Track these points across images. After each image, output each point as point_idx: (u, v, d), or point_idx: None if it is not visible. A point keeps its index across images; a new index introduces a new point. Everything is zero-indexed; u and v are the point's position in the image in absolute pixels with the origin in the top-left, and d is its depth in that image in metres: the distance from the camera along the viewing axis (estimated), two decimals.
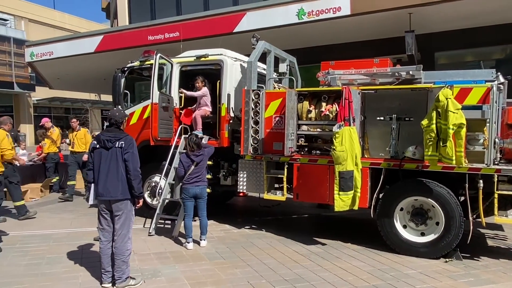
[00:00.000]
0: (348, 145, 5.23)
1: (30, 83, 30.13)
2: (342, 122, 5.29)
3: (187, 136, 6.23)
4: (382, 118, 5.63)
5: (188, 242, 5.74)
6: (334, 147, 5.27)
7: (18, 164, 7.51)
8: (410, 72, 5.70)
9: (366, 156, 5.76)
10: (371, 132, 5.86)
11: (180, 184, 6.00)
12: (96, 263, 4.77)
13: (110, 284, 4.28)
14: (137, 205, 4.43)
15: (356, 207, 5.48)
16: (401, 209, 5.57)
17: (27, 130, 29.21)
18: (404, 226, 5.58)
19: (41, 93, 30.30)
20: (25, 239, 6.03)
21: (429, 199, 5.36)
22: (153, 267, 4.91)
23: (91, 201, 4.46)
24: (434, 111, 4.94)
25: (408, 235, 5.54)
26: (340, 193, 5.35)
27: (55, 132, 10.29)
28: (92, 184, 4.43)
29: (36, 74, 19.74)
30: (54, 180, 10.22)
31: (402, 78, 5.73)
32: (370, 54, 8.96)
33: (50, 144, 10.08)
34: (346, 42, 11.01)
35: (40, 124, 10.54)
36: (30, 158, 10.61)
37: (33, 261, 5.05)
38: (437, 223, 5.37)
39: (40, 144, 10.72)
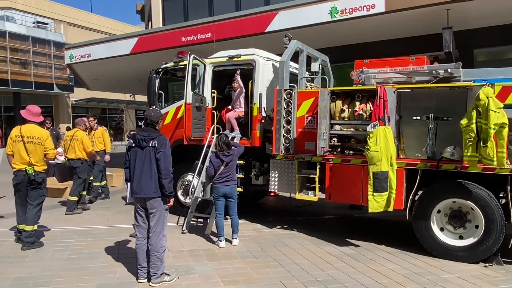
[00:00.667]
0: (383, 145, 5.12)
1: (68, 84, 31.34)
2: (377, 121, 5.19)
3: (217, 136, 6.28)
4: (418, 117, 5.48)
5: (220, 241, 5.80)
6: (368, 147, 5.18)
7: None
8: (449, 70, 5.52)
9: (401, 156, 5.63)
10: (406, 131, 5.71)
11: (211, 183, 6.07)
12: (132, 258, 4.90)
13: (146, 280, 4.38)
14: (168, 204, 4.51)
15: (390, 209, 5.37)
16: (438, 212, 5.40)
17: (65, 129, 30.33)
18: (441, 229, 5.41)
19: (79, 94, 31.50)
20: (65, 234, 6.27)
21: (468, 202, 5.17)
22: (187, 264, 4.99)
23: (128, 199, 4.59)
24: (474, 110, 4.76)
25: (446, 238, 5.36)
26: (375, 194, 5.25)
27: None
28: (129, 183, 4.56)
29: (74, 75, 20.51)
30: (92, 178, 10.55)
31: (440, 76, 5.56)
32: (405, 52, 8.79)
33: None
34: (380, 40, 10.78)
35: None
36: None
37: (73, 256, 5.25)
38: (477, 226, 5.18)
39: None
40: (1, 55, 27.17)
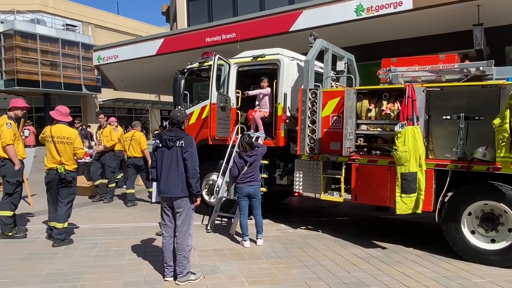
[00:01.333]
0: (411, 146, 5.00)
1: (96, 85, 32.12)
2: (405, 121, 5.07)
3: (240, 136, 6.28)
4: (448, 117, 5.31)
5: (244, 240, 5.80)
6: (396, 148, 5.07)
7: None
8: (481, 68, 5.34)
9: (430, 157, 5.47)
10: (436, 131, 5.55)
11: (234, 183, 6.07)
12: (158, 257, 4.97)
13: (172, 278, 4.43)
14: (195, 204, 4.54)
15: (419, 211, 5.23)
16: (469, 214, 5.23)
17: (93, 129, 31.10)
18: (472, 232, 5.24)
19: (106, 95, 32.25)
20: (94, 232, 6.41)
21: (501, 204, 4.98)
22: (212, 263, 5.01)
23: (154, 199, 4.65)
24: (508, 110, 4.57)
25: (477, 241, 5.19)
26: (403, 195, 5.14)
27: (119, 131, 10.86)
28: (155, 182, 4.62)
29: (102, 76, 21.01)
30: (119, 176, 10.77)
31: (471, 74, 5.39)
32: (433, 50, 8.59)
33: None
34: (407, 37, 10.57)
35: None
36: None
37: (101, 253, 5.36)
38: (510, 230, 4.98)
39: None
40: (32, 57, 28.09)
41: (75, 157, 5.82)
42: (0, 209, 5.97)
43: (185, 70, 8.05)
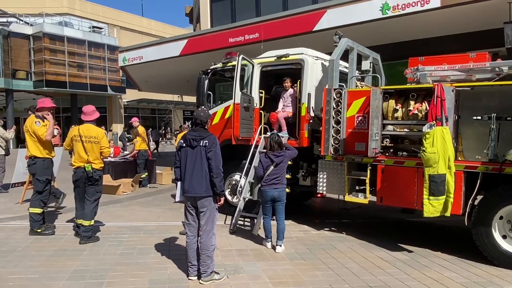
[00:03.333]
0: (440, 147, 4.87)
1: (121, 86, 32.72)
2: (434, 121, 4.94)
3: (268, 135, 6.21)
4: (479, 117, 5.14)
5: (267, 242, 5.73)
6: (424, 149, 4.94)
7: None
8: None
9: (460, 158, 5.31)
10: (465, 132, 5.39)
11: (259, 185, 5.88)
12: (182, 256, 5.00)
13: (196, 278, 4.44)
14: (218, 203, 4.54)
15: (448, 214, 5.08)
16: (501, 218, 5.06)
17: (118, 129, 31.72)
18: (504, 236, 5.06)
19: (130, 95, 32.82)
20: (119, 230, 6.51)
21: None
22: (235, 263, 5.01)
23: (177, 198, 4.67)
24: None
25: (509, 246, 5.01)
26: (431, 198, 5.00)
27: (142, 129, 11.05)
28: (179, 181, 4.64)
29: (127, 77, 21.36)
30: (144, 175, 10.96)
31: (504, 73, 5.20)
32: (461, 48, 8.33)
33: (141, 142, 10.85)
34: (434, 36, 10.29)
35: (130, 122, 11.40)
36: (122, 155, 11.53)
37: (127, 251, 5.43)
38: None
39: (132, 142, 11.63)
40: (60, 58, 28.85)
41: (101, 156, 5.92)
42: (30, 206, 6.14)
43: (209, 71, 8.09)
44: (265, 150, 6.00)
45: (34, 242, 5.75)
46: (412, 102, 5.65)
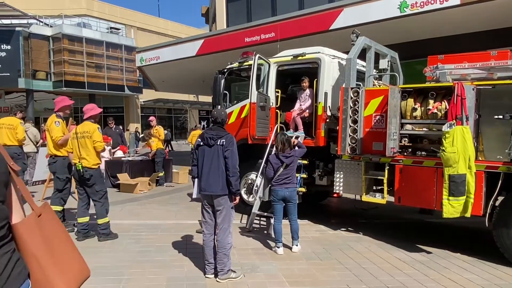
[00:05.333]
0: (460, 146, 4.78)
1: (138, 86, 33.05)
2: (454, 121, 4.85)
3: (277, 135, 6.06)
4: (500, 116, 5.02)
5: (277, 247, 5.44)
6: (443, 148, 4.86)
7: None
8: None
9: (480, 158, 5.21)
10: (486, 132, 5.28)
11: (269, 185, 5.81)
12: (199, 254, 5.03)
13: (213, 276, 4.46)
14: (234, 202, 4.54)
15: (468, 214, 4.99)
16: None
17: (135, 128, 32.09)
18: None
19: (147, 95, 33.14)
20: (137, 228, 6.60)
21: None
22: (252, 262, 5.01)
23: (194, 195, 4.70)
24: None
25: None
26: (450, 198, 4.92)
27: (161, 130, 11.17)
28: (196, 179, 4.67)
29: (144, 77, 21.60)
30: (161, 174, 11.07)
31: None
32: (482, 47, 8.15)
33: (157, 141, 10.97)
34: (454, 34, 10.12)
35: (149, 120, 11.53)
36: (139, 154, 11.68)
37: (144, 248, 5.50)
38: None
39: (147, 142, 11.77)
40: (79, 59, 29.32)
41: (96, 152, 5.78)
42: (51, 204, 6.23)
43: (225, 70, 8.11)
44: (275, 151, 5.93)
45: None
46: (431, 101, 5.57)
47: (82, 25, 30.59)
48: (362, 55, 6.68)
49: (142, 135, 17.63)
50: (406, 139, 5.83)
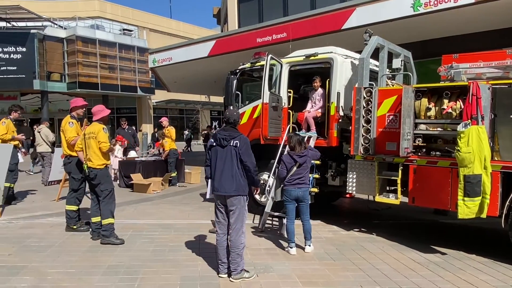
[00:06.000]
0: (475, 146, 4.72)
1: (150, 87, 33.33)
2: (469, 120, 4.80)
3: (289, 136, 6.01)
4: None
5: (290, 247, 5.43)
6: (458, 148, 4.81)
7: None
8: None
9: (496, 158, 5.13)
10: (502, 132, 5.18)
11: (282, 185, 5.79)
12: (212, 253, 5.06)
13: (226, 275, 4.48)
14: (255, 191, 4.77)
15: (483, 215, 4.93)
16: None
17: (147, 129, 32.35)
18: None
19: (159, 96, 33.40)
20: (151, 227, 6.65)
21: None
22: (265, 262, 5.02)
23: (208, 196, 4.73)
24: None
25: None
26: (465, 199, 4.86)
27: (172, 130, 11.26)
28: (209, 180, 4.70)
29: (156, 78, 21.76)
30: (173, 174, 11.15)
31: None
32: (496, 45, 8.04)
33: (170, 142, 11.05)
34: (468, 33, 10.00)
35: (160, 121, 11.63)
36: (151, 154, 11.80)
37: (158, 248, 5.54)
38: None
39: (160, 141, 11.87)
40: (92, 60, 29.70)
41: (101, 152, 5.76)
42: (66, 204, 6.36)
43: (237, 71, 8.13)
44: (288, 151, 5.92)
45: (70, 238, 5.96)
46: (446, 101, 5.51)
47: (96, 27, 30.97)
48: (375, 55, 6.64)
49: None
50: (420, 139, 5.78)
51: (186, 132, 31.02)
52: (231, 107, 7.65)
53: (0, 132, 8.02)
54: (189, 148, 27.91)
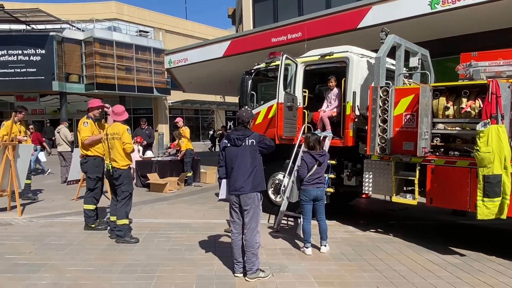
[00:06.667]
0: (495, 146, 4.63)
1: (166, 87, 33.63)
2: (488, 119, 4.71)
3: (307, 136, 6.00)
4: None
5: (306, 247, 5.44)
6: (478, 148, 4.72)
7: None
8: None
9: None
10: None
11: (300, 185, 5.70)
12: (227, 253, 5.10)
13: (242, 275, 4.50)
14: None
15: (503, 216, 4.82)
16: None
17: (163, 129, 32.66)
18: None
19: (175, 96, 33.68)
20: (167, 227, 6.72)
21: None
22: (280, 262, 5.02)
23: (221, 196, 4.74)
24: None
25: None
26: (485, 199, 4.77)
27: (187, 130, 11.36)
28: (224, 180, 4.72)
29: (172, 79, 21.95)
30: (189, 174, 11.23)
31: None
32: None
33: (186, 142, 11.14)
34: (487, 30, 9.79)
35: (175, 121, 11.73)
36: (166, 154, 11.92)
37: (174, 247, 5.60)
38: None
39: (176, 141, 11.97)
40: (109, 62, 30.13)
41: (125, 153, 5.84)
42: (84, 203, 6.47)
43: (252, 71, 8.14)
44: (307, 151, 5.90)
45: (88, 237, 6.07)
46: (464, 100, 5.42)
47: (113, 28, 31.42)
48: (392, 54, 6.57)
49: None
50: (438, 138, 5.69)
51: (211, 132, 31.27)
52: (246, 107, 7.67)
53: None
54: (214, 148, 28.03)
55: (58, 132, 11.71)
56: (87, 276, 4.48)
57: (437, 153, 5.68)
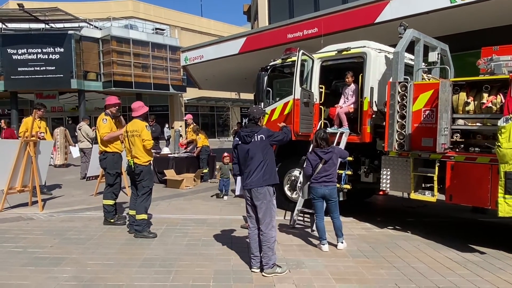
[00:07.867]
0: None
1: (182, 85, 33.91)
2: (510, 115, 4.60)
3: (315, 132, 5.95)
4: None
5: (322, 244, 5.38)
6: (499, 144, 4.62)
7: None
8: None
9: None
10: None
11: (308, 183, 5.67)
12: (244, 248, 5.13)
13: (259, 270, 4.52)
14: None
15: None
16: None
17: (179, 126, 32.93)
18: None
19: (190, 94, 33.92)
20: (184, 222, 6.79)
21: None
22: (297, 258, 5.02)
23: (237, 192, 4.79)
24: None
25: None
26: (506, 196, 4.67)
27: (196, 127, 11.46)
28: (239, 177, 4.76)
29: (188, 76, 22.08)
30: (205, 171, 11.31)
31: None
32: None
33: (203, 138, 11.22)
34: (508, 24, 9.55)
35: (185, 118, 11.81)
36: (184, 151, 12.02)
37: (192, 242, 5.65)
38: None
39: (185, 140, 12.09)
40: (126, 60, 30.50)
41: (145, 150, 5.89)
42: (103, 198, 6.58)
43: (268, 67, 8.12)
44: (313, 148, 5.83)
45: (108, 231, 6.17)
46: (485, 95, 5.31)
47: (129, 26, 31.77)
48: (410, 48, 6.47)
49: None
50: (458, 134, 5.60)
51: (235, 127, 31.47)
52: (259, 105, 7.68)
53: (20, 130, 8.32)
54: None
55: (80, 129, 11.92)
56: (107, 270, 4.56)
57: (457, 149, 5.58)
